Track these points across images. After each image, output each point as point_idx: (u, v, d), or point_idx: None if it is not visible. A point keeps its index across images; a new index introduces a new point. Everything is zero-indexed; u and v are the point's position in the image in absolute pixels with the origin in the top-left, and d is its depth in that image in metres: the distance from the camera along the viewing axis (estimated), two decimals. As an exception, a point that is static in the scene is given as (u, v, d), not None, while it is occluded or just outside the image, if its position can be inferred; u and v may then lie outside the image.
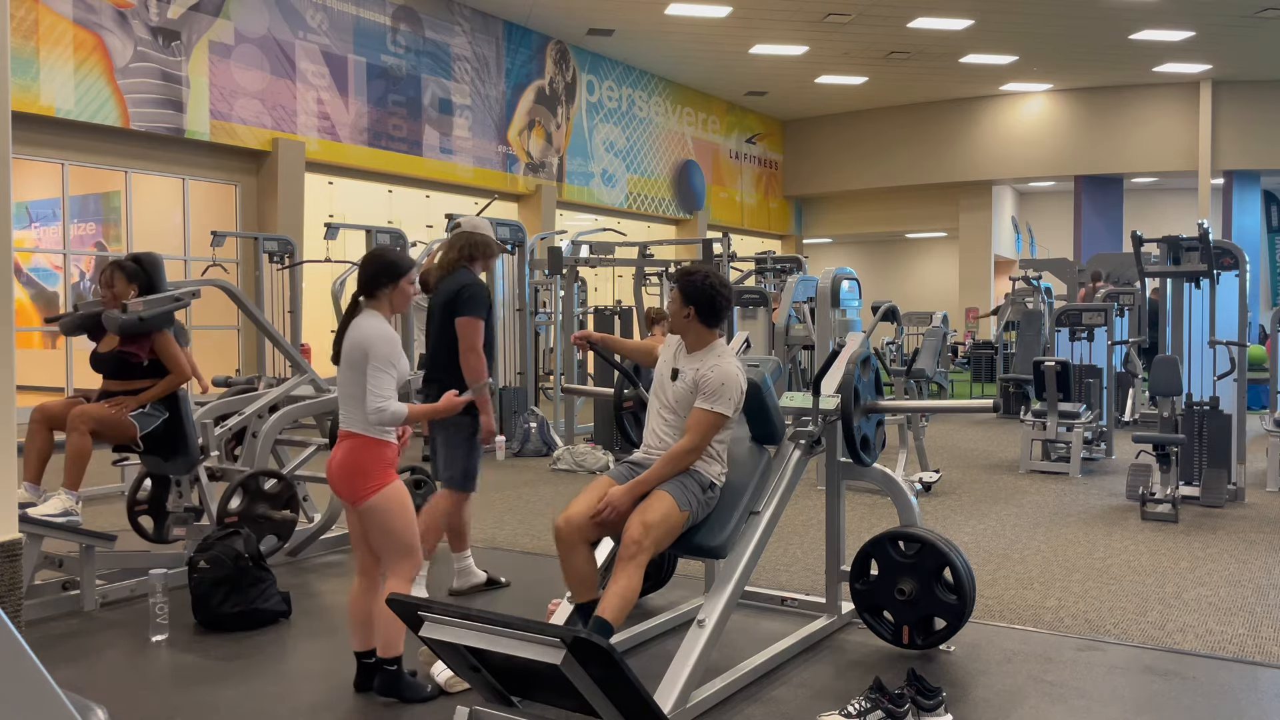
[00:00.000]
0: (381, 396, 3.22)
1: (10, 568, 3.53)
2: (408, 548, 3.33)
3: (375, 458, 3.29)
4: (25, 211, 13.39)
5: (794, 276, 9.19)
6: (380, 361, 3.25)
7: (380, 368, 3.24)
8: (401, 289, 3.47)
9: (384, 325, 3.35)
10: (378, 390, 3.23)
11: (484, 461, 9.34)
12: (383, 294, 3.44)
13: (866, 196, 24.08)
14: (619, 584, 3.24)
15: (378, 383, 3.23)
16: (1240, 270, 7.25)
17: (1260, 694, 3.54)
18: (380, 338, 3.30)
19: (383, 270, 3.44)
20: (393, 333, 3.35)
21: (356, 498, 3.26)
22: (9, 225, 3.57)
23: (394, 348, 3.29)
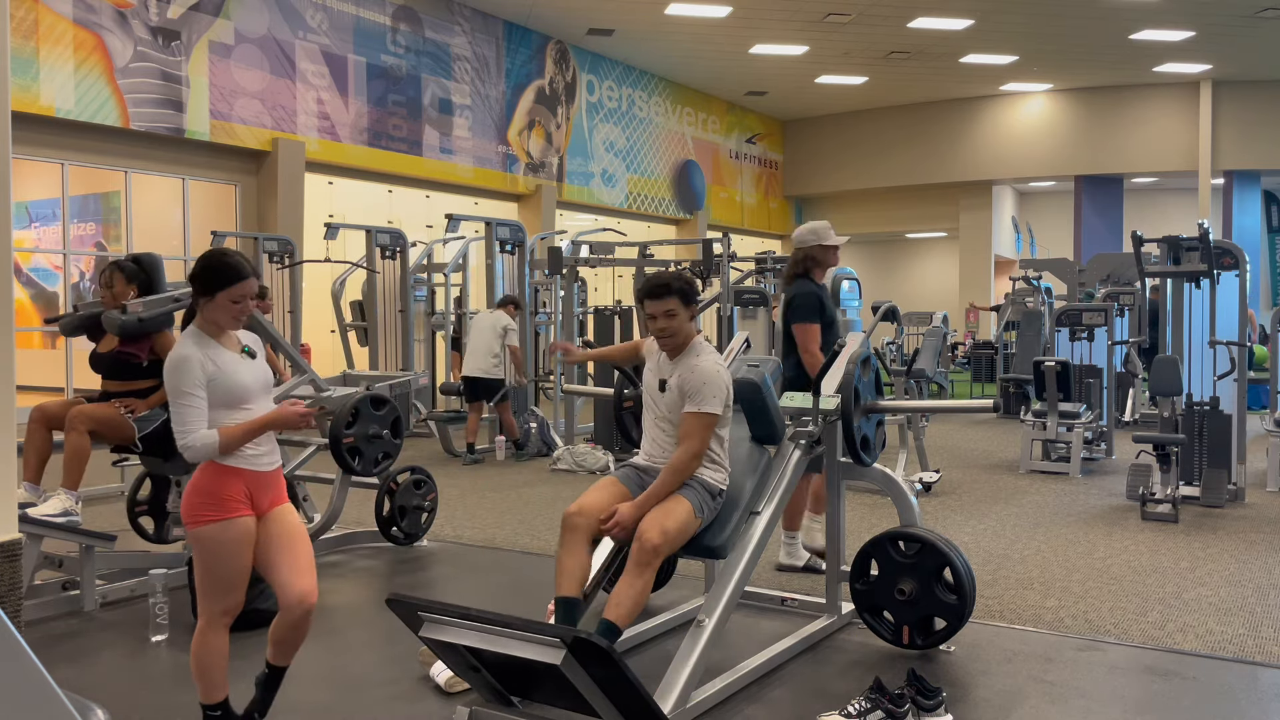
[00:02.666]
0: (182, 430, 2.76)
1: (10, 568, 3.53)
2: (218, 592, 2.86)
3: (207, 486, 2.81)
4: (25, 211, 13.39)
5: (794, 276, 9.17)
6: (175, 396, 2.77)
7: (176, 401, 2.77)
8: (219, 305, 2.88)
9: (180, 350, 2.81)
10: (179, 424, 2.76)
11: (483, 462, 9.32)
12: (200, 305, 2.90)
13: (866, 196, 24.08)
14: (634, 588, 3.22)
15: (177, 416, 2.77)
16: (1240, 270, 7.25)
17: (1260, 694, 3.54)
18: (168, 369, 2.81)
19: (199, 278, 2.90)
20: (184, 355, 2.80)
21: (190, 523, 2.82)
22: (9, 225, 3.57)
23: (182, 375, 2.78)
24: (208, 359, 2.82)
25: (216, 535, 2.80)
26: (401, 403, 6.46)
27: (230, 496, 2.82)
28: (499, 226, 10.14)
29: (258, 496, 2.89)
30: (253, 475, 2.87)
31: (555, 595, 3.38)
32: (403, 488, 5.58)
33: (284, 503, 2.98)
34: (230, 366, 2.88)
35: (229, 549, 2.82)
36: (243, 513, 2.83)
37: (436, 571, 5.28)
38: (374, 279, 10.77)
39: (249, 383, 2.91)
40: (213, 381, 2.81)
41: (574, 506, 3.44)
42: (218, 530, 2.80)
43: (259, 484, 2.89)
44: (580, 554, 3.41)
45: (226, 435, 2.78)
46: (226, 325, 2.93)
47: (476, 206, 16.25)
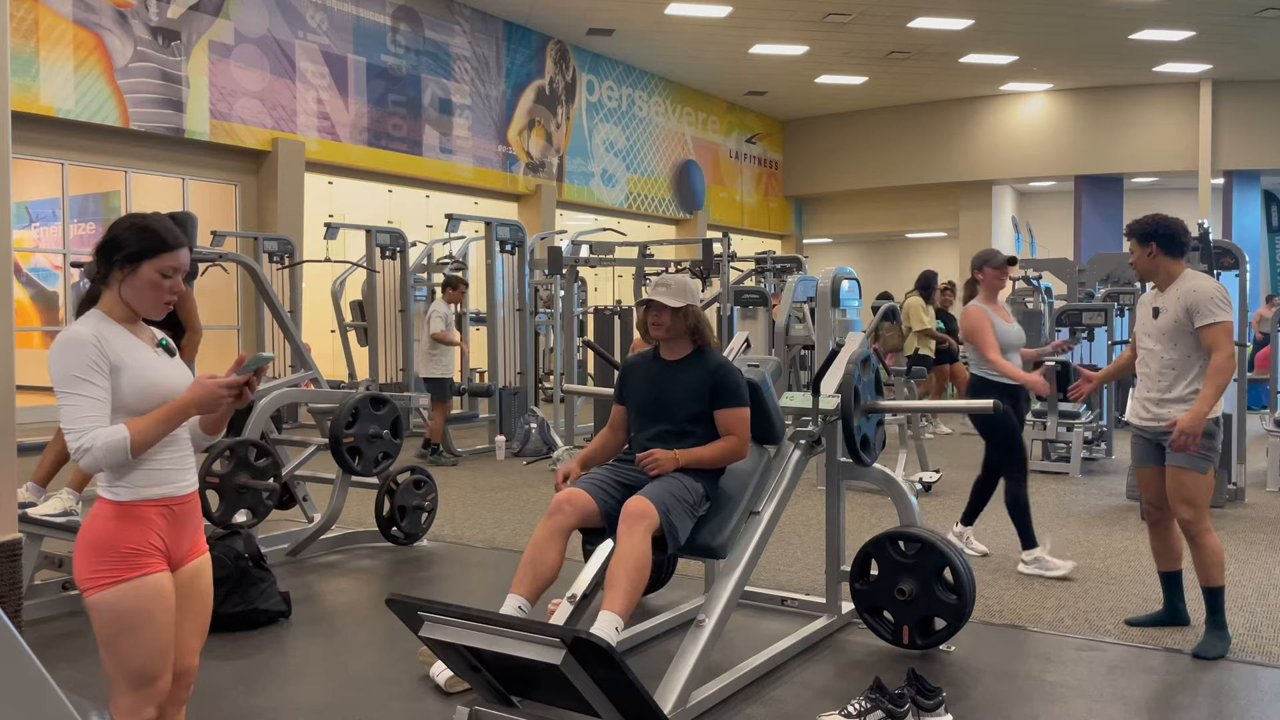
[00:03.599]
0: (75, 430, 2.11)
1: (10, 568, 3.53)
2: (136, 677, 2.20)
3: (107, 537, 2.17)
4: (25, 211, 13.39)
5: (794, 276, 9.19)
6: (62, 384, 2.13)
7: (65, 392, 2.13)
8: (141, 280, 2.25)
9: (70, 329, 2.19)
10: (69, 423, 2.12)
11: (484, 462, 9.32)
12: (113, 278, 2.26)
13: (866, 196, 24.07)
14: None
15: (66, 414, 2.13)
16: (1240, 270, 7.25)
17: (1260, 694, 3.54)
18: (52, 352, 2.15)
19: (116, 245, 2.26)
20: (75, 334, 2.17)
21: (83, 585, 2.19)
22: (9, 225, 3.58)
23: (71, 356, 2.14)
24: (110, 345, 2.18)
25: (126, 602, 2.16)
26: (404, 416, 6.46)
27: (138, 548, 2.18)
28: (499, 226, 10.14)
29: (173, 540, 2.25)
30: (165, 509, 2.23)
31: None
32: (403, 488, 5.58)
33: (203, 552, 2.36)
34: (143, 359, 2.23)
35: (147, 616, 2.17)
36: (157, 568, 2.20)
37: (436, 571, 5.28)
38: (374, 279, 10.77)
39: (171, 384, 2.25)
40: (120, 375, 2.18)
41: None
42: (127, 593, 2.16)
43: (174, 520, 2.25)
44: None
45: (137, 429, 2.13)
46: (147, 310, 2.28)
47: (476, 206, 16.25)
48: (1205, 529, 3.91)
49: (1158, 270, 4.04)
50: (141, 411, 2.18)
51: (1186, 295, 3.91)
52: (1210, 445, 3.92)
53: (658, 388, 3.64)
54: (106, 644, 2.20)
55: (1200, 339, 3.89)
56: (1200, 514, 3.91)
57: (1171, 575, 4.25)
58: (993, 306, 5.20)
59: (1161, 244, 4.01)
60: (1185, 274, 4.01)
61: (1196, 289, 3.91)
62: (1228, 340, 3.88)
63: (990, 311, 5.16)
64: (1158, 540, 4.22)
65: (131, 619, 2.16)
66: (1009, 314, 5.32)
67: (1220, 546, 3.94)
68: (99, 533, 2.18)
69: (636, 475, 3.53)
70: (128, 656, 2.18)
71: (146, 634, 2.18)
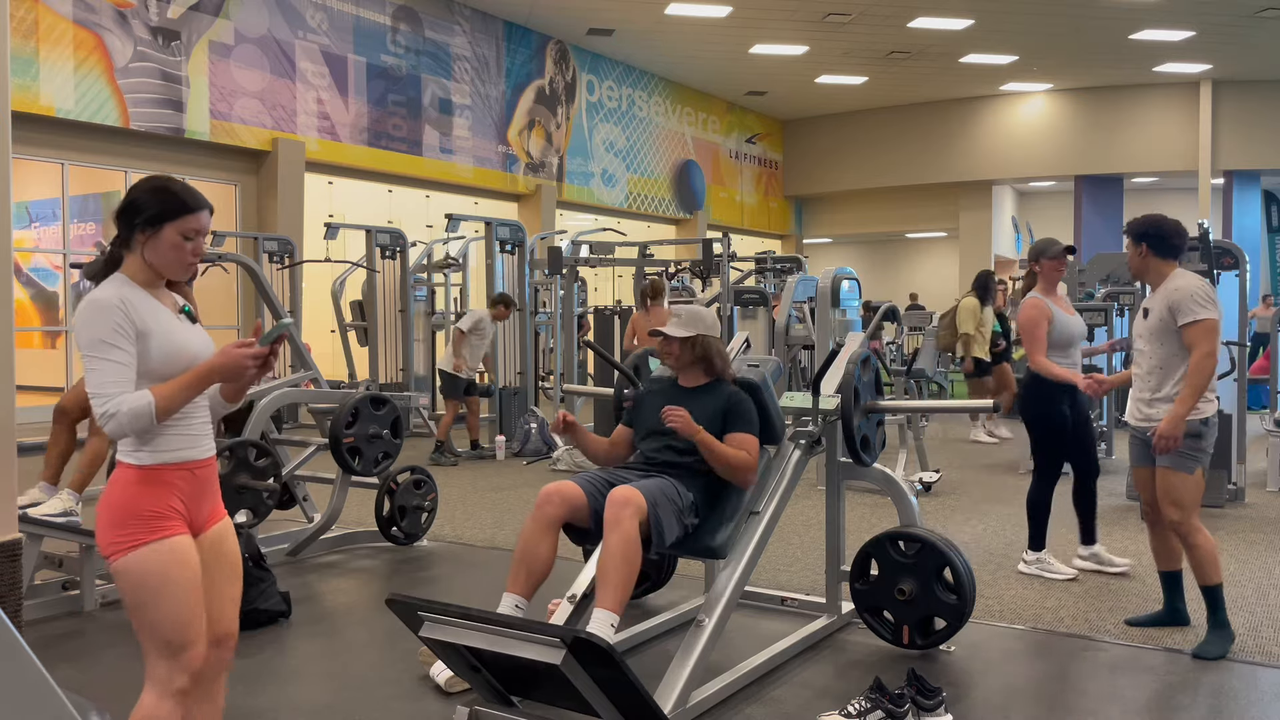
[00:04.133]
0: (102, 395, 2.11)
1: (10, 568, 3.53)
2: (166, 641, 2.18)
3: (128, 502, 2.18)
4: (25, 211, 13.39)
5: (794, 276, 9.19)
6: (89, 348, 2.13)
7: (92, 356, 2.12)
8: (164, 243, 2.22)
9: (96, 293, 2.18)
10: (95, 387, 2.12)
11: (482, 462, 9.32)
12: (135, 242, 2.23)
13: (866, 196, 24.08)
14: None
15: (92, 378, 2.12)
16: (1240, 270, 7.24)
17: (1260, 694, 3.54)
18: (81, 315, 2.15)
19: (138, 207, 2.22)
20: (101, 298, 2.16)
21: (106, 550, 2.19)
22: (9, 225, 3.58)
23: (99, 320, 2.13)
24: (136, 310, 2.17)
25: (149, 564, 2.16)
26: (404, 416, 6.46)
27: (160, 512, 2.19)
28: (499, 226, 10.14)
29: (194, 505, 2.27)
30: (186, 473, 2.24)
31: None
32: (403, 488, 5.58)
33: (223, 516, 2.38)
34: (168, 324, 2.23)
35: (171, 578, 2.17)
36: (178, 530, 2.21)
37: (436, 571, 5.28)
38: (374, 279, 10.77)
39: (196, 348, 2.26)
40: (147, 340, 2.17)
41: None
42: (149, 556, 2.15)
43: (195, 485, 2.26)
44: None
45: (162, 395, 2.13)
46: (173, 272, 2.26)
47: (476, 206, 16.26)
48: (1194, 528, 3.89)
49: (1148, 270, 4.04)
50: (167, 377, 2.18)
51: (1170, 294, 3.91)
52: (1197, 446, 3.89)
53: (676, 398, 3.68)
54: (134, 610, 2.19)
55: (1182, 337, 3.88)
56: (1187, 514, 3.90)
57: (1171, 575, 4.24)
58: (1052, 298, 5.00)
59: (1151, 244, 4.02)
60: (1173, 274, 4.01)
61: (1179, 287, 3.91)
62: (1206, 339, 3.85)
63: (1050, 304, 4.96)
64: (1156, 540, 4.22)
65: (156, 581, 2.16)
66: (1070, 305, 5.14)
67: (1212, 544, 3.92)
68: (120, 497, 2.18)
69: (627, 477, 3.53)
70: (156, 622, 2.17)
71: (171, 596, 2.17)
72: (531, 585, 3.31)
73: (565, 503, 3.36)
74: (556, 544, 3.37)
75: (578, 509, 3.38)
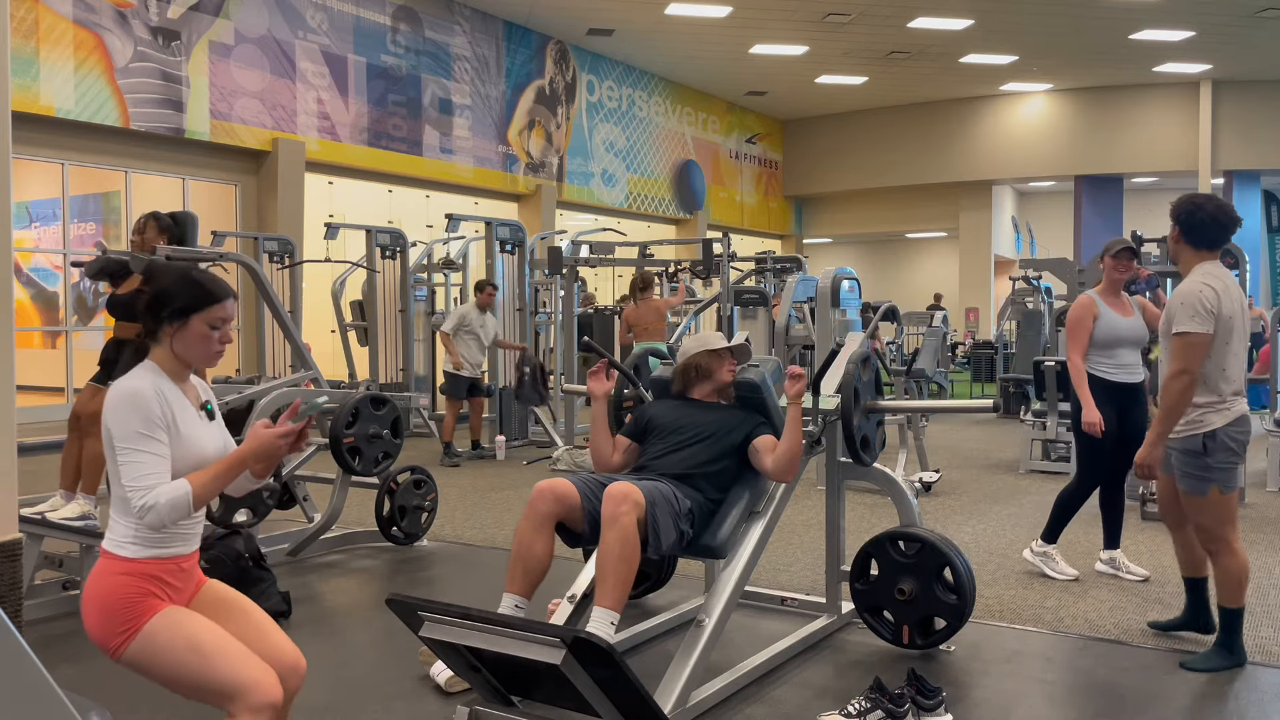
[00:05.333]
0: (140, 488, 2.12)
1: (10, 568, 3.53)
2: (220, 690, 2.15)
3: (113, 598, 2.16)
4: (25, 211, 13.39)
5: (794, 276, 9.19)
6: (125, 440, 2.14)
7: (128, 448, 2.14)
8: (192, 334, 2.27)
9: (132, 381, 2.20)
10: (133, 480, 2.14)
11: (482, 462, 9.31)
12: (163, 333, 2.27)
13: (866, 196, 24.08)
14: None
15: (130, 470, 2.14)
16: (1240, 270, 7.25)
17: (1260, 694, 3.54)
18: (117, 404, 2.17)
19: (165, 299, 2.26)
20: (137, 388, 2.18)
21: (110, 650, 2.19)
22: (9, 225, 3.58)
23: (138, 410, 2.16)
24: (168, 404, 2.21)
25: (155, 637, 2.15)
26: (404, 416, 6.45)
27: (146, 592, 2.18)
28: (499, 226, 10.14)
29: (177, 594, 2.26)
30: (174, 566, 2.23)
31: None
32: (403, 488, 5.58)
33: (205, 583, 2.38)
34: (190, 426, 2.26)
35: (179, 631, 2.16)
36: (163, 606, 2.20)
37: (436, 571, 5.28)
38: (374, 279, 10.77)
39: (211, 450, 2.30)
40: (173, 438, 2.21)
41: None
42: (151, 631, 2.15)
43: (180, 577, 2.26)
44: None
45: (200, 484, 2.17)
46: (201, 361, 2.30)
47: (476, 206, 16.25)
48: (1221, 549, 3.66)
49: (1179, 257, 3.72)
50: (176, 474, 2.20)
51: (1176, 294, 3.65)
52: (1202, 465, 3.62)
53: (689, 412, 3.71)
54: (174, 684, 2.19)
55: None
56: (1210, 535, 3.68)
57: (1193, 581, 4.06)
58: (1108, 299, 4.83)
59: (1182, 229, 3.69)
60: (1197, 269, 3.67)
61: (1185, 290, 3.61)
62: (1181, 355, 3.57)
63: (1101, 303, 4.78)
64: (1175, 546, 4.08)
65: (166, 647, 2.15)
66: (1130, 306, 4.89)
67: (1240, 566, 3.65)
68: (107, 591, 2.17)
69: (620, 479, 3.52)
70: (194, 682, 2.15)
71: (188, 650, 2.15)
72: (530, 584, 3.29)
73: (558, 500, 3.31)
74: (552, 542, 3.33)
75: (571, 507, 3.33)
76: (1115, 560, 5.10)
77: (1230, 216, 3.67)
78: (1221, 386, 3.66)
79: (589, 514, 3.33)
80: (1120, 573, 5.04)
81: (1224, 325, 3.61)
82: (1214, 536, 3.68)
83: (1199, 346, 3.57)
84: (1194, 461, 3.65)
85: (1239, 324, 3.67)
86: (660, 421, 3.70)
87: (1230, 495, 3.66)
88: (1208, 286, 3.60)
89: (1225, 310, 3.61)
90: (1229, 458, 3.64)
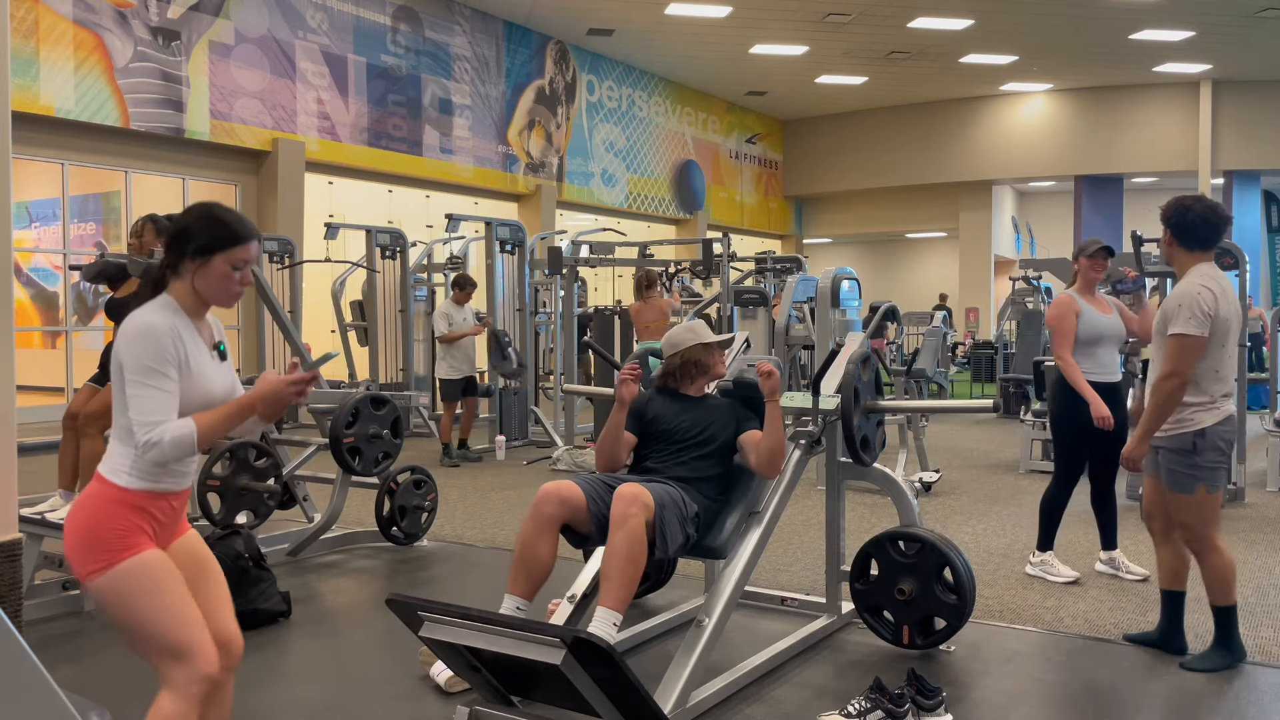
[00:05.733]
0: (146, 423, 2.12)
1: (10, 568, 3.54)
2: (171, 648, 2.16)
3: (98, 526, 2.16)
4: (25, 211, 13.39)
5: (794, 276, 9.19)
6: (137, 373, 2.14)
7: (139, 381, 2.14)
8: (214, 272, 2.26)
9: (147, 315, 2.19)
10: (140, 414, 2.13)
11: (483, 461, 9.30)
12: (184, 268, 2.26)
13: (866, 196, 24.08)
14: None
15: (138, 404, 2.14)
16: (1240, 270, 7.24)
17: (1260, 694, 3.54)
18: (133, 336, 2.16)
19: (190, 234, 2.26)
20: (153, 322, 2.18)
21: (82, 574, 2.17)
22: (9, 225, 3.58)
23: (151, 346, 2.15)
24: (183, 341, 2.21)
25: (128, 578, 2.14)
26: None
27: (128, 527, 2.17)
28: (499, 226, 10.14)
29: (164, 531, 2.26)
30: (165, 503, 2.23)
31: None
32: (403, 488, 5.58)
33: (187, 530, 2.38)
34: (202, 365, 2.25)
35: (155, 584, 2.16)
36: (145, 546, 2.18)
37: (436, 571, 5.28)
38: (374, 279, 10.77)
39: (219, 391, 2.29)
40: (184, 376, 2.20)
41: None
42: (126, 570, 2.14)
43: (170, 515, 2.27)
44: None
45: (205, 424, 2.17)
46: (220, 300, 2.29)
47: (476, 206, 16.26)
48: (1206, 548, 3.66)
49: (1174, 259, 3.72)
50: (183, 412, 2.19)
51: (1173, 296, 3.63)
52: (1190, 463, 3.61)
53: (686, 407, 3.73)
54: (126, 627, 2.17)
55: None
56: (1194, 535, 3.68)
57: (1169, 595, 3.91)
58: (1087, 297, 4.87)
59: (1174, 231, 3.68)
60: (1194, 270, 3.65)
61: (1183, 291, 3.59)
62: (1175, 357, 3.56)
63: (1081, 301, 4.82)
64: (1158, 554, 4.01)
65: (139, 590, 2.15)
66: (1108, 305, 4.93)
67: (1226, 564, 3.65)
68: (94, 516, 2.16)
69: (630, 480, 3.52)
70: (152, 633, 2.16)
71: (157, 603, 2.15)
72: (532, 586, 3.29)
73: (563, 503, 3.31)
74: (556, 544, 3.33)
75: (576, 510, 3.33)
76: (1115, 560, 5.10)
77: (1220, 215, 3.67)
78: (1213, 388, 3.64)
79: (595, 515, 3.33)
80: (1120, 572, 5.04)
81: (1220, 328, 3.60)
82: (1198, 535, 3.69)
83: (1193, 350, 3.57)
84: (1183, 460, 3.64)
85: (1235, 326, 3.67)
86: (661, 422, 3.70)
87: (1215, 495, 3.67)
88: (1206, 290, 3.59)
89: (1223, 313, 3.60)
90: (1217, 457, 3.64)
